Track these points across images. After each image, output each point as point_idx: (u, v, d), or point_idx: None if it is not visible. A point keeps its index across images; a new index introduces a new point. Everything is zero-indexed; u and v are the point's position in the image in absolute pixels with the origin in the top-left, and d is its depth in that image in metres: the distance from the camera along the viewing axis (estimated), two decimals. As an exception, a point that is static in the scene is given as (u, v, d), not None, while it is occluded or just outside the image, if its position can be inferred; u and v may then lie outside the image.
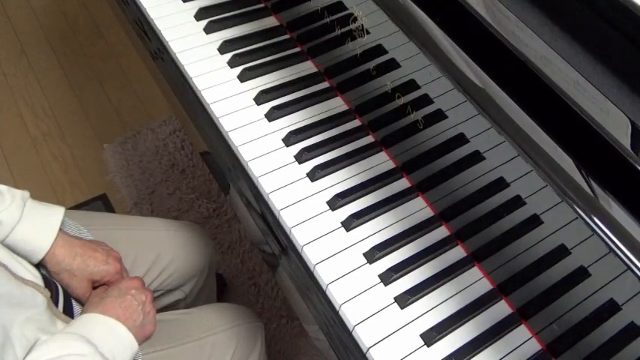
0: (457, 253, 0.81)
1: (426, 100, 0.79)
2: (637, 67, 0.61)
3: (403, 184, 0.86)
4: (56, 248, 0.84)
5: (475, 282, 0.78)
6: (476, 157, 0.75)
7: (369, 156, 0.89)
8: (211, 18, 1.03)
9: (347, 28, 0.89)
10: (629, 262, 0.56)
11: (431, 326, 0.74)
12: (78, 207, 1.69)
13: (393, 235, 0.81)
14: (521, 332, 0.75)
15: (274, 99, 0.94)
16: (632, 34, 0.61)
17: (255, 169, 0.86)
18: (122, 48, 2.08)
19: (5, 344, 0.68)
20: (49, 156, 1.82)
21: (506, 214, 0.73)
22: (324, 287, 0.77)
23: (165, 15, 1.03)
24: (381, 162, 0.88)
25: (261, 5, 1.06)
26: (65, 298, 0.84)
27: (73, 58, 2.06)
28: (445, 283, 0.78)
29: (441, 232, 0.82)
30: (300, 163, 0.87)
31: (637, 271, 0.56)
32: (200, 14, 1.04)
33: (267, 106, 0.93)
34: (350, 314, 0.75)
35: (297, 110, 0.93)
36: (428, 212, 0.84)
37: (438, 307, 0.76)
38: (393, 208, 0.84)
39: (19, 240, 0.81)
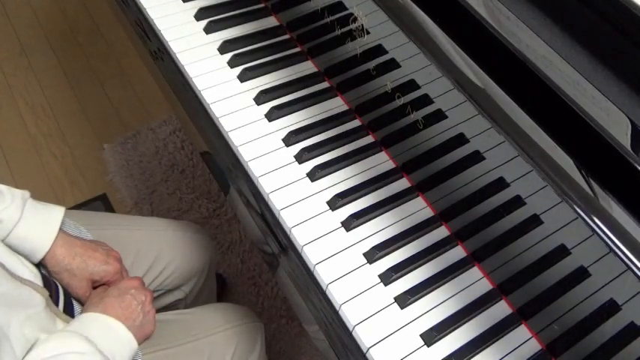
0: (457, 253, 0.80)
1: (426, 100, 0.79)
2: (637, 67, 0.61)
3: (403, 184, 0.86)
4: (56, 248, 0.84)
5: (475, 282, 0.78)
6: (476, 157, 0.75)
7: (369, 156, 0.89)
8: (211, 18, 1.03)
9: (347, 28, 0.89)
10: (629, 262, 0.56)
11: (431, 326, 0.74)
12: (78, 207, 1.69)
13: (393, 235, 0.81)
14: (521, 332, 0.75)
15: (274, 99, 0.94)
16: (632, 34, 0.61)
17: (255, 169, 0.86)
18: (122, 48, 2.08)
19: (2, 343, 0.68)
20: (49, 156, 1.82)
21: (506, 214, 0.73)
22: (324, 287, 0.77)
23: (165, 15, 1.03)
24: (381, 162, 0.88)
25: (261, 5, 1.06)
26: (65, 297, 0.84)
27: (73, 58, 2.05)
28: (445, 283, 0.78)
29: (441, 232, 0.82)
30: (300, 163, 0.87)
31: (637, 271, 0.56)
32: (200, 14, 1.04)
33: (267, 106, 0.93)
34: (350, 314, 0.75)
35: (297, 110, 0.93)
36: (428, 212, 0.84)
37: (438, 307, 0.76)
38: (393, 208, 0.84)
39: (19, 239, 0.81)
